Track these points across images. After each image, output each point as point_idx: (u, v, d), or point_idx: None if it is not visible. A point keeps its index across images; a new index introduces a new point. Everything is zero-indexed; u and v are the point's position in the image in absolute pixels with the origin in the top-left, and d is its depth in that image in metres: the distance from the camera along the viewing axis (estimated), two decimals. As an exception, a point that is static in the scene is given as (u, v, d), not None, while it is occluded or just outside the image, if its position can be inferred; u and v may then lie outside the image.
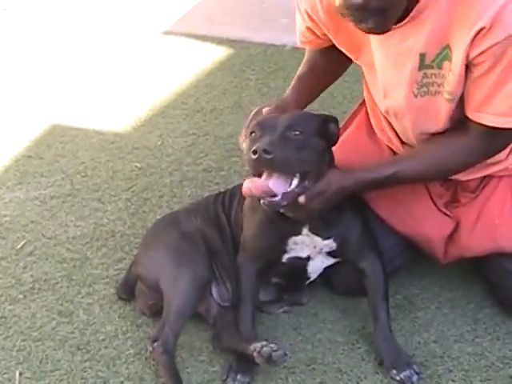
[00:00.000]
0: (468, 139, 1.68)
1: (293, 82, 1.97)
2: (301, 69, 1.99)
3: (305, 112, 1.86)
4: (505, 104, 1.58)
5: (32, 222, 2.32)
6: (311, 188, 1.68)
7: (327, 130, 1.76)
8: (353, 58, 1.80)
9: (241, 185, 1.97)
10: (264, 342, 1.73)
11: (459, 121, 1.69)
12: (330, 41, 1.83)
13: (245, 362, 1.78)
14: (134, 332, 1.92)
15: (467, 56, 1.55)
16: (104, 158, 2.64)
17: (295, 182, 1.66)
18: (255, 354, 1.72)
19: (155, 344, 1.78)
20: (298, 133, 1.67)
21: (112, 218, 2.33)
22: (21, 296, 2.04)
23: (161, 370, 1.77)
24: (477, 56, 1.53)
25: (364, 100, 2.04)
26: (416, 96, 1.68)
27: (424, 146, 1.78)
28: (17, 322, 1.95)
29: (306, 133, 1.69)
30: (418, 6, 1.54)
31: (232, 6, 4.08)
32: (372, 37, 1.60)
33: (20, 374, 1.80)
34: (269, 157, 1.60)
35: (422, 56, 1.61)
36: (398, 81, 1.67)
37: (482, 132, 1.64)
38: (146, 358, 1.83)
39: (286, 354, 1.72)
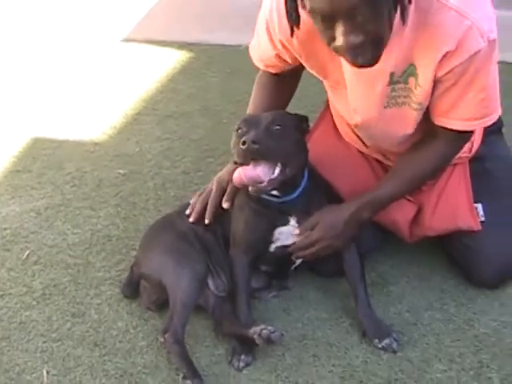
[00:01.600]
0: (436, 145, 1.95)
1: None
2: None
3: (282, 111, 2.11)
4: (467, 111, 1.85)
5: (32, 232, 2.51)
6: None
7: (301, 126, 2.04)
8: (321, 78, 2.04)
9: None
10: (263, 326, 1.97)
11: (425, 130, 1.96)
12: (293, 65, 2.07)
13: (246, 344, 2.01)
14: (143, 326, 2.13)
15: (435, 75, 1.79)
16: (88, 167, 2.84)
17: (277, 170, 1.92)
18: (256, 337, 1.96)
19: (166, 335, 2.00)
20: (278, 127, 1.94)
21: (105, 224, 2.53)
22: (34, 302, 2.23)
23: (173, 358, 1.99)
24: (444, 75, 1.78)
25: (328, 106, 2.29)
26: (386, 107, 1.93)
27: (400, 163, 2.05)
28: (35, 326, 2.15)
29: (285, 127, 1.96)
30: None
31: (185, 9, 4.28)
32: (343, 60, 1.83)
33: (47, 372, 2.00)
34: (256, 146, 1.86)
35: (392, 74, 1.85)
36: (370, 97, 1.91)
37: (448, 136, 1.91)
38: (157, 348, 2.04)
39: (282, 335, 1.98)
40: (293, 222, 2.05)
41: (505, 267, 2.16)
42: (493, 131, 2.17)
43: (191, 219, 2.15)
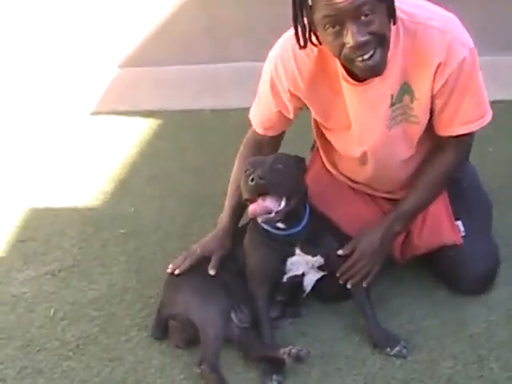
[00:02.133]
0: (446, 155, 2.29)
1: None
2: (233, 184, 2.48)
3: (282, 153, 2.40)
4: (467, 115, 2.18)
5: (51, 293, 2.70)
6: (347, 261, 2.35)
7: (300, 165, 2.35)
8: (323, 122, 2.35)
9: (237, 230, 2.50)
10: (291, 346, 2.23)
11: (429, 146, 2.29)
12: (289, 123, 2.39)
13: (274, 365, 2.26)
14: (176, 362, 2.34)
15: (432, 89, 2.12)
16: (90, 230, 3.05)
17: (283, 203, 2.20)
18: (285, 356, 2.20)
19: (202, 366, 2.23)
20: (281, 166, 2.24)
21: (120, 278, 2.75)
22: (71, 353, 2.42)
23: (212, 385, 2.22)
24: (440, 87, 2.11)
25: (317, 150, 2.61)
26: (389, 129, 2.23)
27: (418, 178, 2.35)
28: (77, 373, 2.33)
29: (286, 166, 2.25)
30: None
31: (143, 80, 4.57)
32: (348, 95, 2.15)
33: (95, 413, 2.20)
34: (263, 182, 2.16)
35: (392, 96, 2.16)
36: (375, 122, 2.21)
37: (454, 143, 2.25)
38: (195, 379, 2.25)
39: (309, 352, 2.23)
40: (298, 251, 2.33)
41: (486, 273, 2.48)
42: (462, 158, 2.52)
43: (168, 270, 2.43)
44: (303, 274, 2.39)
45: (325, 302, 2.54)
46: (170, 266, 2.44)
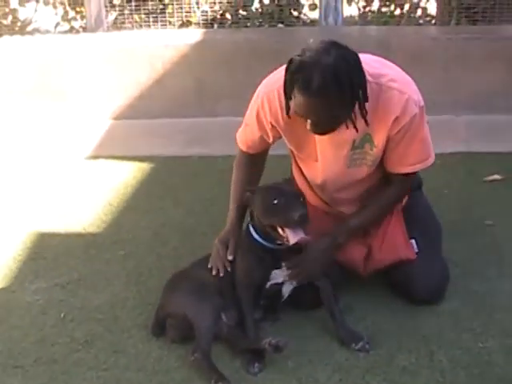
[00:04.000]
0: (394, 187, 2.78)
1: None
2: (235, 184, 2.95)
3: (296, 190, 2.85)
4: (412, 158, 2.67)
5: (61, 300, 3.08)
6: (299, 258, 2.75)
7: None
8: (296, 152, 2.83)
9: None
10: (271, 337, 2.62)
11: (376, 176, 2.77)
12: (269, 145, 2.85)
13: (256, 355, 2.65)
14: (172, 353, 2.72)
15: (388, 136, 2.60)
16: (93, 251, 3.46)
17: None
18: (266, 346, 2.60)
19: (195, 354, 2.62)
20: (302, 199, 2.68)
21: (121, 289, 3.14)
22: (80, 347, 2.78)
23: (204, 370, 2.58)
24: (395, 134, 2.59)
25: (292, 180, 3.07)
26: (348, 167, 2.72)
27: (367, 203, 2.83)
28: (86, 362, 2.69)
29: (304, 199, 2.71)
30: None
31: (137, 130, 5.05)
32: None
33: (106, 390, 2.57)
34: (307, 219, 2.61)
35: (354, 141, 2.65)
36: (337, 158, 2.69)
37: (400, 179, 2.73)
38: (188, 368, 2.63)
39: (287, 342, 2.63)
40: (283, 263, 2.75)
41: (437, 285, 2.92)
42: (415, 188, 3.00)
43: (213, 273, 2.81)
44: (282, 283, 2.81)
45: (299, 309, 2.95)
46: (214, 272, 2.80)
